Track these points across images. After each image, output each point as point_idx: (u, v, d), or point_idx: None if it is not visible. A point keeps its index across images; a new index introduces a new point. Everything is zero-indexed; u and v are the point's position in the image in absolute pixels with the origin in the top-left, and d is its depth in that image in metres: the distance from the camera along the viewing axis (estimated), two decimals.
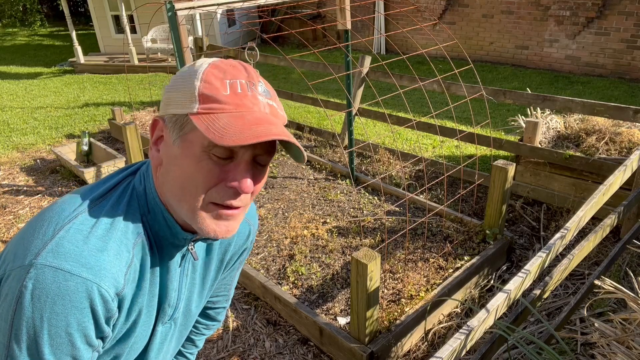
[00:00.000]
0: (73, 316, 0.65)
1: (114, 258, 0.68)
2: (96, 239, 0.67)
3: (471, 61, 4.88)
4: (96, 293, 0.65)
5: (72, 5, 16.15)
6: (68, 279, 0.63)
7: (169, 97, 0.71)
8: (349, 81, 3.55)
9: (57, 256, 0.64)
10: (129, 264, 0.71)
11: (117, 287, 0.68)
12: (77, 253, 0.65)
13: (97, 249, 0.67)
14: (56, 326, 0.64)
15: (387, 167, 4.16)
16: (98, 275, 0.65)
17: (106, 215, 0.71)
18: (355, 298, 2.04)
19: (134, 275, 0.72)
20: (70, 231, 0.66)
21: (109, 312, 0.69)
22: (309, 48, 2.99)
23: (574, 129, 3.53)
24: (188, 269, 0.84)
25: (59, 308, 0.63)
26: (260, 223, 3.30)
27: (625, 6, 6.67)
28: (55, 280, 0.63)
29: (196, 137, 0.68)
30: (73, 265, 0.64)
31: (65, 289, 0.63)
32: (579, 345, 2.22)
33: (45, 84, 8.52)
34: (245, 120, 0.67)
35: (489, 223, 2.84)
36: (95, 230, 0.68)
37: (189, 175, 0.70)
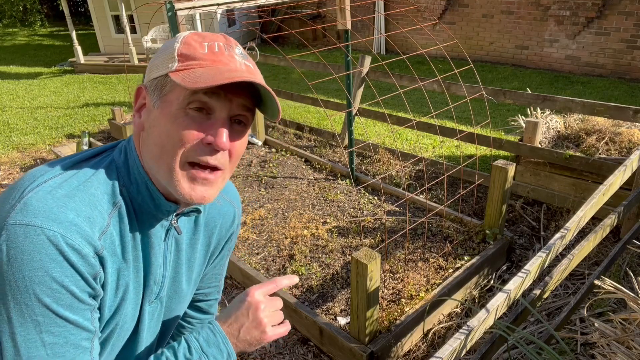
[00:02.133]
0: (54, 269, 0.64)
1: (83, 219, 0.67)
2: (65, 198, 0.67)
3: (471, 61, 4.88)
4: (68, 246, 0.64)
5: (72, 5, 16.16)
6: (39, 233, 0.63)
7: (151, 65, 0.75)
8: (349, 81, 3.55)
9: (25, 214, 0.64)
10: (103, 229, 0.69)
11: (95, 247, 0.67)
12: (47, 209, 0.64)
13: (67, 207, 0.66)
14: (39, 283, 0.63)
15: (387, 167, 4.16)
16: (68, 229, 0.64)
17: (77, 179, 0.70)
18: (355, 298, 2.04)
19: (113, 245, 0.71)
20: (39, 192, 0.66)
21: (92, 268, 0.67)
22: (309, 48, 2.99)
23: (574, 129, 3.53)
24: (172, 245, 0.83)
25: (37, 263, 0.63)
26: (260, 223, 3.30)
27: (625, 6, 6.67)
28: (27, 237, 0.62)
29: (174, 95, 0.71)
30: (43, 220, 0.63)
31: (40, 242, 0.63)
32: (579, 345, 2.22)
33: (45, 84, 8.52)
34: (220, 70, 0.70)
35: (489, 223, 2.84)
36: (65, 191, 0.68)
37: (167, 133, 0.71)
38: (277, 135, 5.14)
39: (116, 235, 0.72)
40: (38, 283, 0.63)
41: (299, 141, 5.01)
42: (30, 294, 0.63)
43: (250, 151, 4.64)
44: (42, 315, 0.64)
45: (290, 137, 5.11)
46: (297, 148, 4.59)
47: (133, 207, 0.75)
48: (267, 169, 4.21)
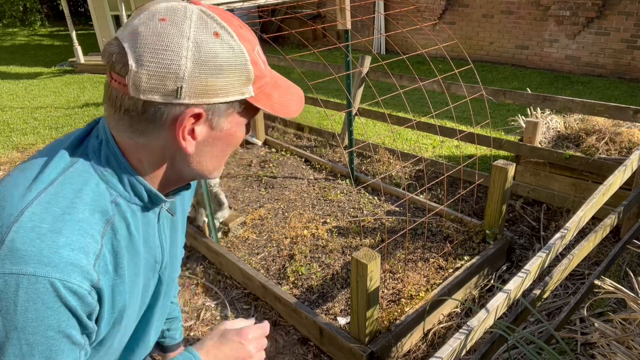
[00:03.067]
0: (50, 317, 0.60)
1: (78, 251, 0.62)
2: (54, 234, 0.61)
3: (471, 61, 4.88)
4: (67, 290, 0.60)
5: (72, 5, 16.16)
6: (34, 282, 0.58)
7: (211, 85, 0.66)
8: (349, 81, 3.55)
9: (15, 261, 0.58)
10: (97, 254, 0.65)
11: (92, 280, 0.64)
12: (37, 252, 0.59)
13: (58, 245, 0.61)
14: (34, 334, 0.60)
15: (387, 167, 4.16)
16: (65, 271, 0.60)
17: (59, 205, 0.64)
18: (355, 298, 2.04)
19: (106, 265, 0.67)
20: (21, 231, 0.60)
21: (89, 306, 0.64)
22: (309, 48, 2.99)
23: (574, 129, 3.53)
24: (164, 225, 0.84)
25: (31, 314, 0.59)
26: (260, 223, 3.30)
27: (625, 6, 6.66)
28: (20, 287, 0.58)
29: (247, 114, 0.73)
30: (36, 266, 0.59)
31: (34, 292, 0.58)
32: (579, 345, 2.22)
33: (45, 84, 8.52)
34: (282, 88, 0.76)
35: (489, 223, 2.84)
36: (50, 225, 0.62)
37: (232, 146, 0.75)
38: (277, 135, 5.14)
39: (109, 254, 0.68)
40: (33, 334, 0.60)
41: (299, 141, 5.01)
42: (22, 344, 0.60)
43: (250, 151, 4.64)
44: None
45: (290, 137, 5.11)
46: (297, 148, 4.59)
47: (124, 213, 0.72)
48: (267, 169, 4.21)
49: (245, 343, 0.83)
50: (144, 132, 0.69)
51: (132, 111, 0.66)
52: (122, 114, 0.67)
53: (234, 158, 4.49)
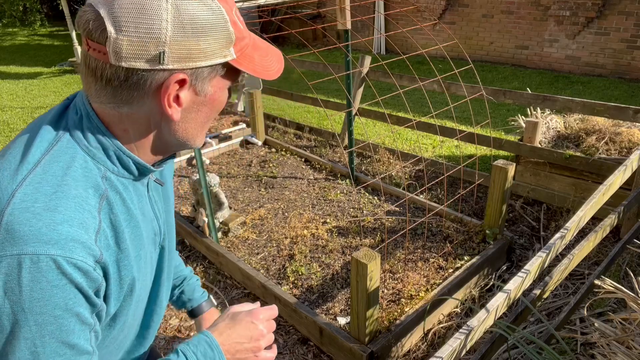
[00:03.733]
0: (56, 297, 0.59)
1: (77, 227, 0.62)
2: (49, 213, 0.60)
3: (471, 61, 4.88)
4: (71, 266, 0.60)
5: (72, 5, 16.16)
6: (36, 261, 0.58)
7: (193, 48, 0.65)
8: (349, 81, 3.55)
9: (15, 243, 0.58)
10: (96, 230, 0.65)
11: (94, 256, 0.63)
12: (35, 232, 0.59)
13: (55, 221, 0.60)
14: (42, 314, 0.59)
15: (387, 167, 4.16)
16: (66, 247, 0.60)
17: (49, 184, 0.63)
18: (355, 298, 2.04)
19: (107, 241, 0.67)
20: (14, 213, 0.59)
21: (95, 282, 0.64)
22: (309, 48, 2.99)
23: (574, 129, 3.53)
24: (154, 195, 0.83)
25: (37, 294, 0.58)
26: (260, 223, 3.30)
27: (625, 6, 6.67)
28: (23, 268, 0.57)
29: (229, 76, 0.72)
30: (35, 245, 0.58)
31: (38, 271, 0.58)
32: (578, 345, 2.22)
33: (45, 84, 8.52)
34: (262, 50, 0.75)
35: (489, 223, 2.84)
36: (44, 204, 0.61)
37: (215, 111, 0.74)
38: (277, 135, 5.14)
39: (108, 229, 0.68)
40: (40, 314, 0.59)
41: (299, 141, 5.01)
42: (31, 326, 0.59)
43: (250, 151, 4.64)
44: (43, 346, 0.61)
45: (290, 137, 5.11)
46: (297, 148, 4.59)
47: (116, 187, 0.71)
48: (267, 169, 4.21)
49: (257, 322, 0.84)
50: (128, 101, 0.67)
51: (114, 80, 0.65)
52: (104, 84, 0.65)
53: (234, 158, 4.49)
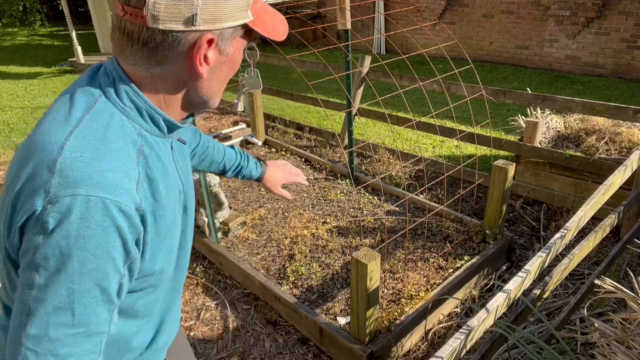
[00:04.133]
0: (100, 237, 0.66)
1: (122, 175, 0.69)
2: (97, 161, 0.67)
3: (471, 61, 4.88)
4: (117, 209, 0.67)
5: (72, 5, 16.15)
6: (86, 201, 0.64)
7: (217, 11, 0.72)
8: (349, 81, 3.55)
9: (67, 185, 0.65)
10: (137, 180, 0.72)
11: (135, 203, 0.70)
12: (86, 177, 0.66)
13: (102, 169, 0.67)
14: (85, 250, 0.65)
15: (387, 167, 4.16)
16: (113, 192, 0.67)
17: (94, 138, 0.70)
18: (355, 298, 2.04)
19: (145, 192, 0.74)
20: (66, 162, 0.66)
21: (135, 228, 0.70)
22: (309, 48, 2.99)
23: (574, 128, 3.53)
24: (177, 155, 0.90)
25: (84, 231, 0.64)
26: (260, 223, 3.30)
27: (625, 6, 6.67)
28: (74, 206, 0.64)
29: (246, 37, 0.79)
30: (87, 188, 0.65)
31: (87, 211, 0.64)
32: (578, 345, 2.22)
33: (45, 84, 8.52)
34: (270, 13, 0.82)
35: (489, 223, 2.84)
36: (91, 154, 0.68)
37: (233, 71, 0.82)
38: (277, 135, 5.14)
39: (145, 181, 0.75)
40: (84, 250, 0.65)
41: (299, 141, 5.01)
42: (73, 261, 0.65)
43: (250, 151, 4.64)
44: (79, 283, 0.66)
45: (290, 137, 5.11)
46: (297, 148, 4.59)
47: (150, 143, 0.78)
48: None
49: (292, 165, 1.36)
50: (161, 62, 0.73)
51: (150, 42, 0.71)
52: (140, 46, 0.72)
53: None
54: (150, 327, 0.92)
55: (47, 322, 0.65)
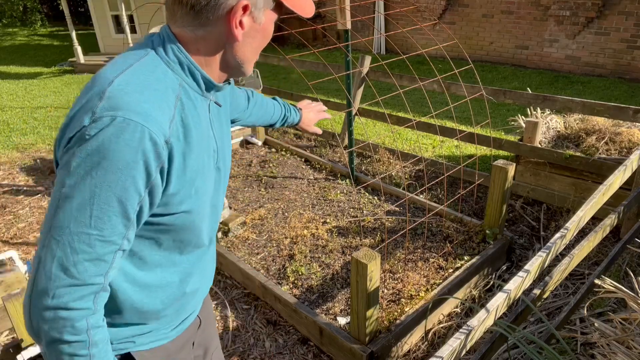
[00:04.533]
0: (127, 153, 0.76)
1: (156, 109, 0.80)
2: (137, 94, 0.79)
3: (471, 61, 4.88)
4: (147, 135, 0.77)
5: (72, 5, 16.15)
6: (121, 122, 0.75)
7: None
8: (349, 81, 3.55)
9: (109, 108, 0.76)
10: (170, 119, 0.82)
11: (165, 136, 0.80)
12: (126, 104, 0.77)
13: (140, 100, 0.79)
14: (112, 160, 0.75)
15: (387, 167, 4.16)
16: (146, 119, 0.77)
17: (140, 79, 0.82)
18: (355, 298, 2.04)
19: (178, 132, 0.84)
20: (113, 91, 0.78)
21: (159, 157, 0.79)
22: (309, 48, 2.98)
23: (574, 128, 3.53)
24: (213, 117, 0.99)
25: (114, 146, 0.75)
26: (260, 223, 3.30)
27: (625, 6, 6.67)
28: (111, 124, 0.75)
29: (276, 10, 0.90)
30: (124, 112, 0.76)
31: (119, 130, 0.75)
32: (578, 345, 2.22)
33: (45, 84, 8.52)
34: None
35: (489, 223, 2.84)
36: (134, 88, 0.80)
37: (266, 39, 0.92)
38: (277, 135, 5.14)
39: (179, 124, 0.85)
40: (111, 160, 0.75)
41: (299, 141, 5.01)
42: (99, 169, 0.75)
43: (250, 151, 4.64)
44: (100, 189, 0.76)
45: (290, 137, 5.11)
46: (297, 148, 4.59)
47: (189, 94, 0.89)
48: (267, 168, 4.21)
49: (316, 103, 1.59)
50: (205, 24, 0.85)
51: (197, 5, 0.83)
52: (188, 9, 0.84)
53: (234, 158, 4.49)
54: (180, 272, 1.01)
55: (70, 216, 0.76)
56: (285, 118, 1.55)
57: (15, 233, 3.56)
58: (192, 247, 1.00)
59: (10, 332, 2.53)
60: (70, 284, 0.77)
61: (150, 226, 0.88)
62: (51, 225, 0.77)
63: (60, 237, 0.76)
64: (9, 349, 2.16)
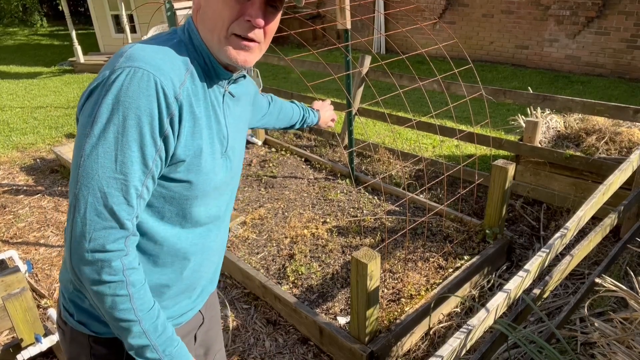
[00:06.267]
0: (141, 99, 0.83)
1: (169, 67, 0.88)
2: (153, 52, 0.88)
3: (471, 61, 4.88)
4: (158, 83, 0.84)
5: (72, 4, 16.14)
6: (136, 71, 0.83)
7: None
8: (348, 81, 3.55)
9: (127, 61, 0.85)
10: (182, 82, 0.89)
11: (175, 92, 0.87)
12: (142, 57, 0.85)
13: (156, 57, 0.87)
14: (129, 107, 0.82)
15: (387, 167, 4.16)
16: (158, 71, 0.85)
17: (158, 44, 0.91)
18: (355, 297, 2.04)
19: (188, 97, 0.90)
20: (133, 50, 0.87)
21: (169, 108, 0.86)
22: (309, 48, 2.98)
23: (574, 128, 3.53)
24: (228, 106, 1.04)
25: (130, 92, 0.82)
26: (260, 223, 3.30)
27: (625, 6, 6.66)
28: (127, 73, 0.83)
29: None
30: (141, 63, 0.84)
31: (134, 77, 0.83)
32: (579, 345, 2.22)
33: (45, 83, 8.51)
34: None
35: (489, 222, 2.84)
36: (151, 48, 0.89)
37: (219, 12, 0.91)
38: (277, 135, 5.14)
39: (190, 90, 0.91)
40: (127, 107, 0.82)
41: (299, 141, 5.01)
42: (119, 114, 0.82)
43: (250, 151, 4.64)
44: (122, 135, 0.82)
45: (290, 136, 5.11)
46: (297, 147, 4.59)
47: (200, 73, 0.95)
48: (267, 168, 4.21)
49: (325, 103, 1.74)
50: None
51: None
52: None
53: None
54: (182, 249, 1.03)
55: (97, 163, 0.82)
56: (304, 119, 1.64)
57: (15, 233, 3.56)
58: (191, 224, 1.02)
59: (10, 332, 2.53)
60: (104, 226, 0.83)
61: (156, 191, 0.93)
62: (79, 174, 0.83)
63: (90, 183, 0.82)
64: (9, 348, 2.16)
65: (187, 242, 1.03)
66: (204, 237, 1.07)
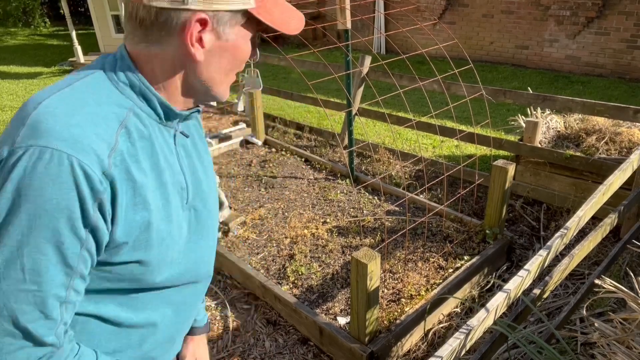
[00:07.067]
0: (52, 192, 0.63)
1: (90, 134, 0.66)
2: (66, 117, 0.66)
3: (471, 61, 4.88)
4: (76, 166, 0.64)
5: (72, 5, 16.15)
6: (42, 152, 0.62)
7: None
8: (349, 81, 3.55)
9: (30, 137, 0.64)
10: (112, 147, 0.69)
11: (102, 166, 0.66)
12: (50, 129, 0.64)
13: (70, 124, 0.66)
14: (34, 202, 0.62)
15: (387, 167, 4.16)
16: (75, 148, 0.64)
17: (75, 100, 0.70)
18: (355, 298, 2.04)
19: (123, 163, 0.70)
20: (38, 115, 0.66)
21: (95, 192, 0.66)
22: (309, 48, 2.98)
23: (574, 128, 3.53)
24: (181, 151, 0.86)
25: (35, 182, 0.62)
26: (260, 223, 3.30)
27: (625, 6, 6.66)
28: (29, 156, 0.62)
29: (250, 27, 0.78)
30: (48, 140, 0.63)
31: (40, 163, 0.62)
32: (579, 345, 2.22)
33: (45, 83, 8.51)
34: (283, 7, 0.81)
35: (489, 223, 2.84)
36: (64, 110, 0.67)
37: (239, 59, 0.80)
38: (277, 135, 5.14)
39: (126, 153, 0.71)
40: (32, 202, 0.62)
41: (299, 141, 5.01)
42: (21, 213, 0.62)
43: (250, 151, 4.64)
44: (28, 237, 0.63)
45: (290, 137, 5.11)
46: (297, 148, 4.59)
47: (143, 121, 0.76)
48: (267, 168, 4.21)
49: None
50: (158, 40, 0.74)
51: (146, 20, 0.72)
52: (137, 24, 0.73)
53: (234, 158, 4.49)
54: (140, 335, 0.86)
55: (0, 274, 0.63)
56: None
57: None
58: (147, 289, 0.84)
59: None
60: (21, 346, 0.67)
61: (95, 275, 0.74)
62: None
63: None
64: None
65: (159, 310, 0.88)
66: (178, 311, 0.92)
